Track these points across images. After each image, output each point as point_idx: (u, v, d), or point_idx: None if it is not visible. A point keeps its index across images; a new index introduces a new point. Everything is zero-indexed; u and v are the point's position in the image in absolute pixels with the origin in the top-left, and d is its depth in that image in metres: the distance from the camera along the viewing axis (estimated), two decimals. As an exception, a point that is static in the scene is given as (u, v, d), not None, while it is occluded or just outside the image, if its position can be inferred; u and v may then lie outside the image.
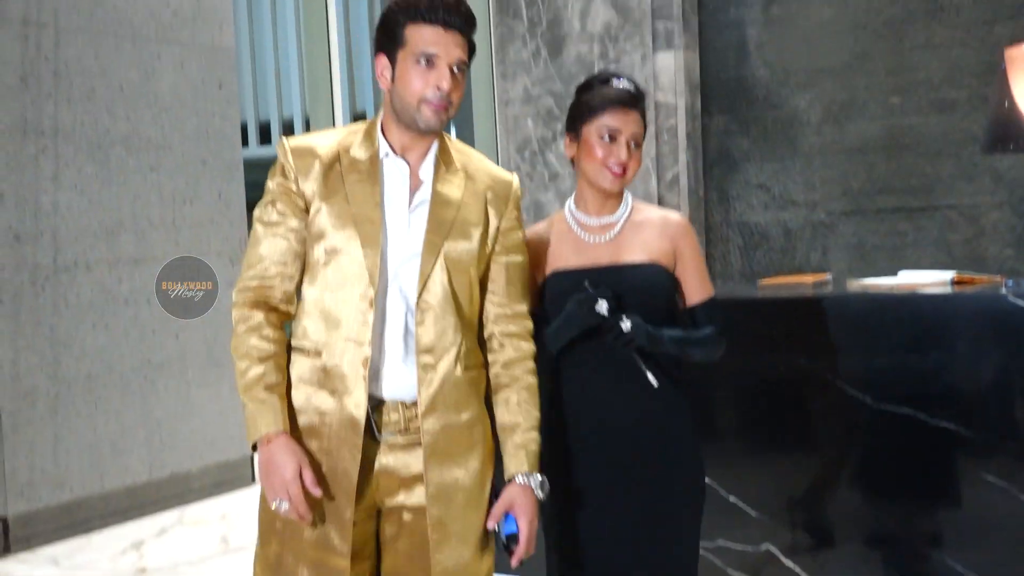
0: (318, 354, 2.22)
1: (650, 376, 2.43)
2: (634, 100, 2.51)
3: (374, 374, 2.21)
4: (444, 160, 2.30)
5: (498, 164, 2.64)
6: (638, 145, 2.50)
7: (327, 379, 2.21)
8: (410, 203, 2.25)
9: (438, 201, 2.25)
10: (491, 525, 2.23)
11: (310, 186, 2.24)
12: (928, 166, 5.89)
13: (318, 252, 2.24)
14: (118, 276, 4.43)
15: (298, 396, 2.24)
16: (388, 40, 2.24)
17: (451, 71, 2.20)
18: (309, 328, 2.24)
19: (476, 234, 2.27)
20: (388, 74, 2.24)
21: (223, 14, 4.93)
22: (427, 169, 2.27)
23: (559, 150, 6.69)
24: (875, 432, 3.34)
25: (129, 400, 4.56)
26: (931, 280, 3.53)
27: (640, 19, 6.35)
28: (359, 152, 2.26)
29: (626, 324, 2.39)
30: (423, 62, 2.19)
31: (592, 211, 2.55)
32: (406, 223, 2.24)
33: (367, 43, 6.72)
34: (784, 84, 6.26)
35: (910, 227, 5.95)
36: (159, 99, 4.65)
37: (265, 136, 8.85)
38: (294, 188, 2.24)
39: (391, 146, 2.27)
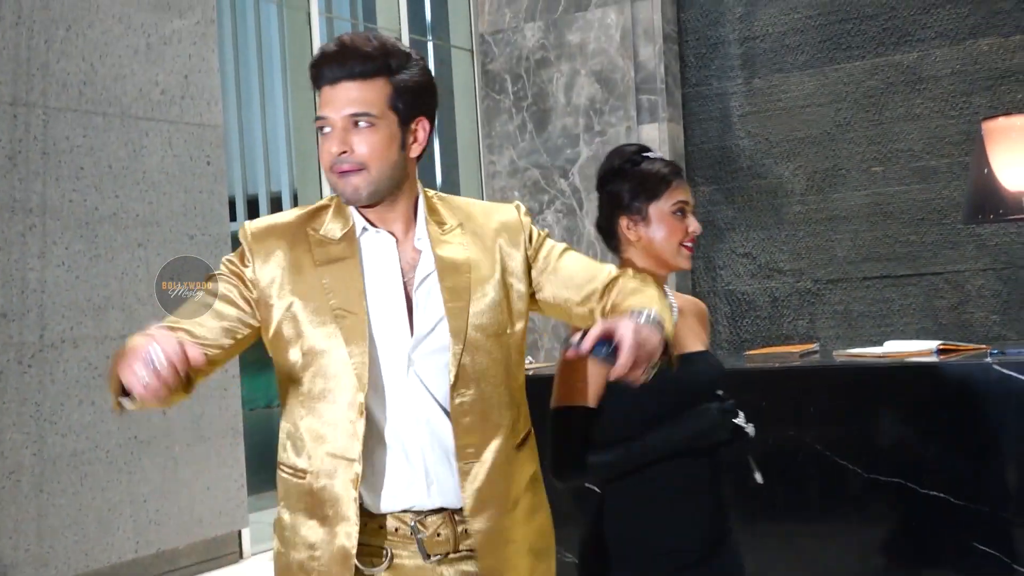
0: (303, 474, 1.89)
1: (758, 476, 2.30)
2: None
3: (374, 490, 1.87)
4: (436, 220, 1.96)
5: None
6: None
7: (317, 504, 1.86)
8: (413, 281, 1.91)
9: (446, 268, 1.91)
10: (586, 346, 1.72)
11: (268, 273, 1.92)
12: (912, 234, 5.94)
13: (294, 355, 1.88)
14: (105, 352, 4.41)
15: (288, 525, 1.91)
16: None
17: (353, 126, 1.85)
18: (296, 443, 1.91)
19: (491, 286, 1.93)
20: None
21: (211, 92, 4.98)
22: (422, 237, 1.94)
23: (545, 221, 6.73)
24: (865, 501, 3.33)
25: (115, 477, 4.51)
26: (917, 349, 3.54)
27: (624, 92, 6.43)
28: (332, 229, 1.94)
29: (751, 428, 2.17)
30: (322, 129, 1.89)
31: None
32: (408, 304, 1.90)
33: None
34: (767, 154, 6.33)
35: (896, 294, 5.98)
36: (147, 176, 4.67)
37: (253, 211, 8.87)
38: (248, 276, 1.94)
39: (368, 219, 1.94)
